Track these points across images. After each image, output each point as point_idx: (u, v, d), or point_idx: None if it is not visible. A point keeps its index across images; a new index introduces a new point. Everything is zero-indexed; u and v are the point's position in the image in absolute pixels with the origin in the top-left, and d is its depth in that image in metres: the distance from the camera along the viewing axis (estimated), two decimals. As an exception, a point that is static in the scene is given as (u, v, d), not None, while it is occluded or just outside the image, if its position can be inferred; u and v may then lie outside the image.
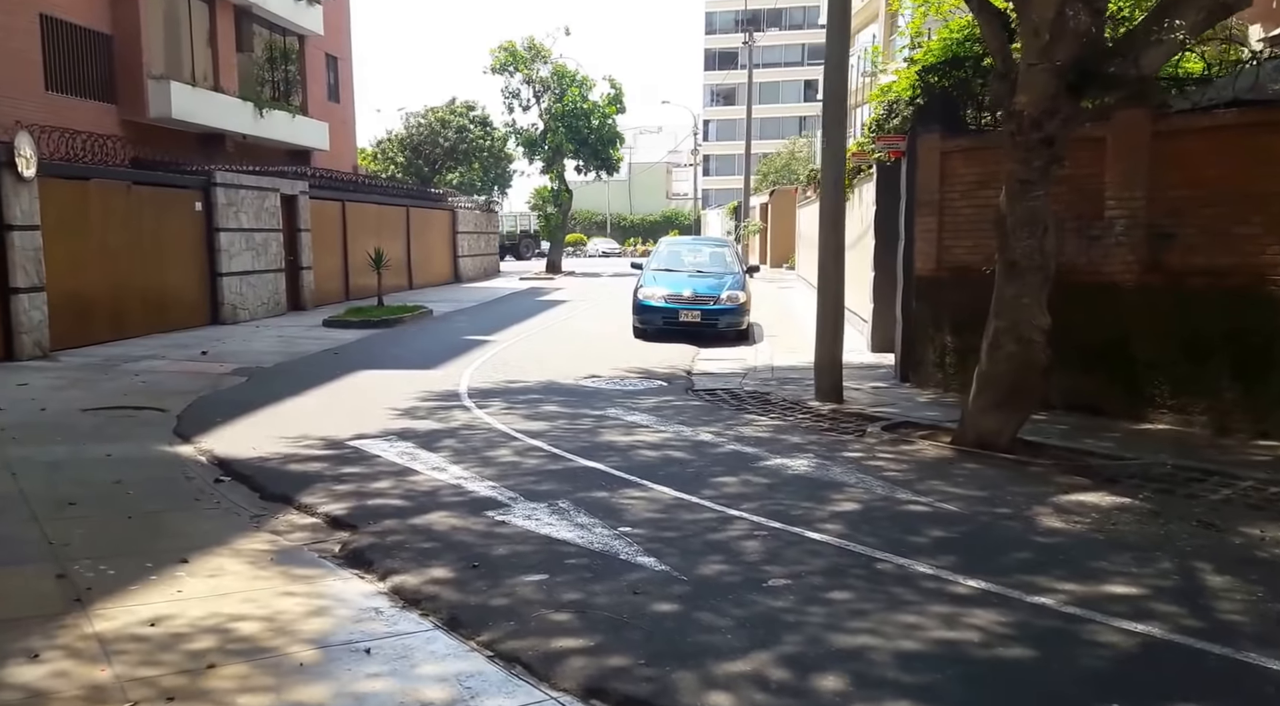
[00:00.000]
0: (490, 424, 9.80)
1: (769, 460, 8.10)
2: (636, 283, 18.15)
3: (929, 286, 11.47)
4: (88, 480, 7.54)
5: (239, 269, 20.33)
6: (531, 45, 42.53)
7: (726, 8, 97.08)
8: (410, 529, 6.24)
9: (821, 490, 7.13)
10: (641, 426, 9.62)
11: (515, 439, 9.04)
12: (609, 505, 6.68)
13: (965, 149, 11.00)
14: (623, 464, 7.94)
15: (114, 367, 13.54)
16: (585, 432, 9.31)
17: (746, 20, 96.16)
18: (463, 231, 38.24)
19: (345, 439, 9.07)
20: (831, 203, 10.77)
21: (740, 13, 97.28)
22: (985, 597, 5.03)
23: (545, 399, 11.33)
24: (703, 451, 8.51)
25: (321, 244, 24.93)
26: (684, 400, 11.32)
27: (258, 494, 7.34)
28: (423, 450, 8.56)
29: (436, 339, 17.91)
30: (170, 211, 18.30)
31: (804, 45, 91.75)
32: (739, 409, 10.71)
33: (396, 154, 46.87)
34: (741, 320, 17.26)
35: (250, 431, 9.50)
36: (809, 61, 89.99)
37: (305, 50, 31.51)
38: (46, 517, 6.44)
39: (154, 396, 11.42)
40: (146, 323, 17.31)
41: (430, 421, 9.92)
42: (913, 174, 11.74)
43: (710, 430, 9.41)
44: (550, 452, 8.44)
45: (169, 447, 8.89)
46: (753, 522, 6.24)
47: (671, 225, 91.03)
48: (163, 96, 22.47)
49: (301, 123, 30.09)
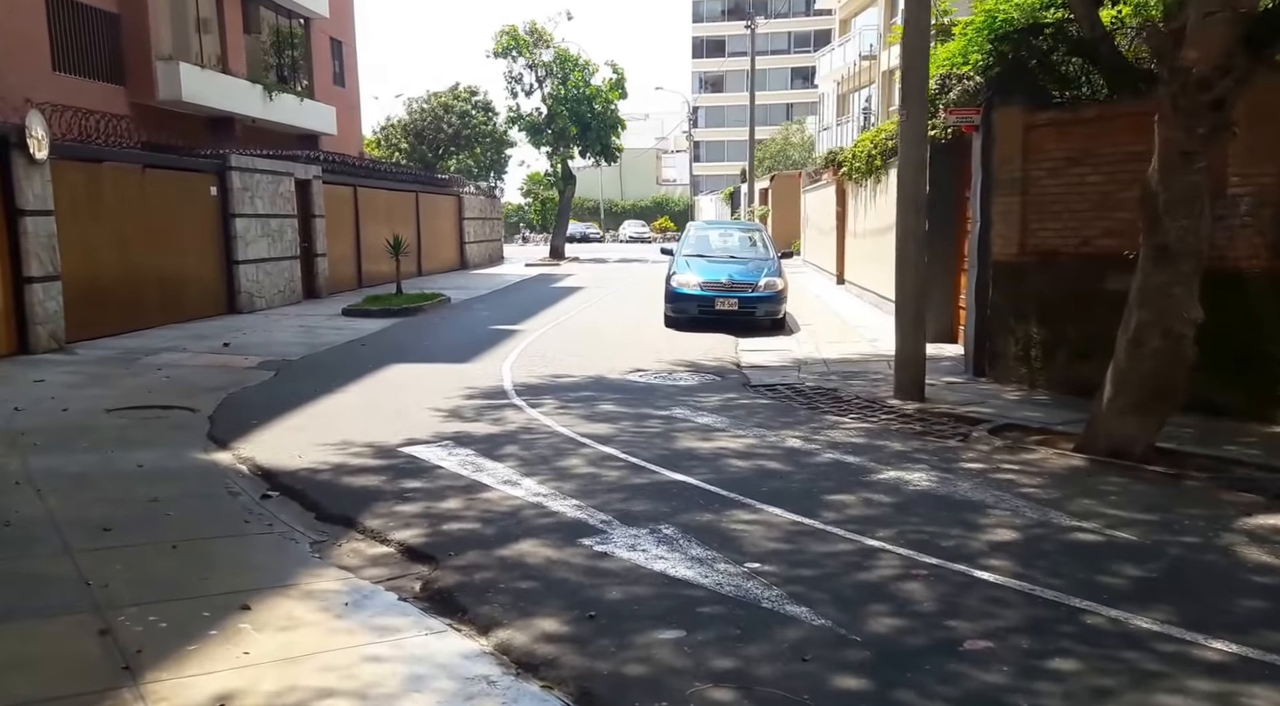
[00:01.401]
0: (550, 426, 9.01)
1: (880, 472, 7.30)
2: (669, 269, 17.29)
3: (1009, 273, 10.67)
4: (121, 498, 6.76)
5: (255, 256, 19.51)
6: (534, 29, 41.55)
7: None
8: (500, 562, 5.46)
9: (960, 512, 6.32)
10: (717, 430, 8.84)
11: (584, 445, 8.25)
12: (720, 531, 5.88)
13: (1055, 122, 10.17)
14: (715, 477, 7.16)
15: (134, 361, 12.74)
16: (658, 438, 8.53)
17: (731, 10, 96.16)
18: (469, 217, 37.41)
19: (396, 445, 8.29)
20: (912, 184, 9.95)
21: (726, 1, 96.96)
22: (1248, 667, 4.11)
23: (599, 397, 10.55)
24: (798, 461, 7.72)
25: (335, 230, 24.11)
26: (749, 398, 10.54)
27: (313, 513, 6.56)
28: (486, 459, 7.78)
29: (463, 329, 17.12)
30: (185, 196, 17.46)
31: (790, 33, 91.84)
32: (812, 408, 9.93)
33: (400, 140, 45.90)
34: (779, 308, 16.46)
35: (290, 435, 8.72)
36: (795, 49, 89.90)
37: (311, 33, 30.60)
38: (81, 549, 5.66)
39: (181, 394, 10.63)
40: (163, 312, 16.50)
41: (484, 424, 9.14)
42: (989, 150, 10.92)
43: (795, 434, 8.63)
44: (628, 462, 7.65)
45: (205, 455, 8.11)
46: (901, 557, 5.42)
47: (662, 211, 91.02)
48: (172, 78, 21.60)
49: (310, 107, 29.23)
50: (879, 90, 43.30)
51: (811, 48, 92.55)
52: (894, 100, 43.07)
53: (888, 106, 42.66)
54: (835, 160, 24.43)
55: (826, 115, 54.71)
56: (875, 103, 43.92)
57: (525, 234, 76.37)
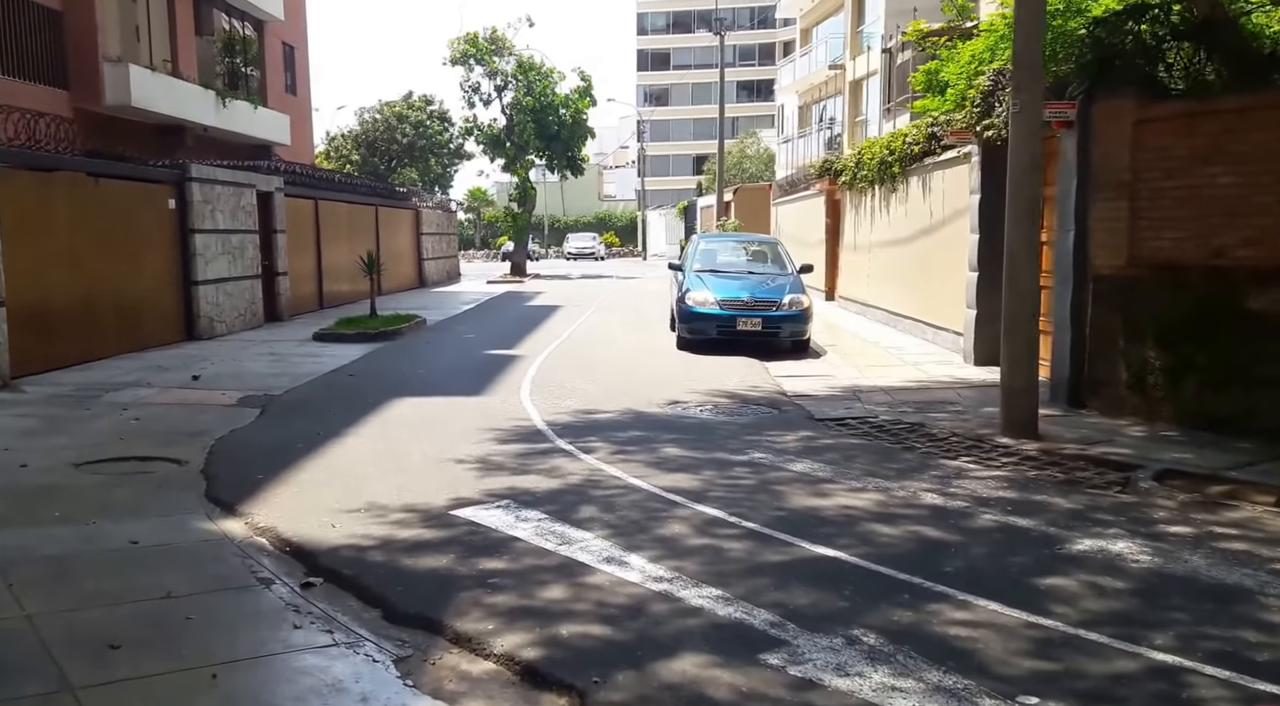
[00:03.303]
0: (619, 478, 7.62)
1: (1073, 542, 5.99)
2: (679, 286, 15.94)
3: (1115, 288, 9.51)
4: (121, 594, 5.25)
5: (215, 276, 17.75)
6: (494, 36, 40.09)
7: (658, 9, 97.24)
8: (667, 694, 4.07)
9: (1229, 603, 5.01)
10: (823, 480, 7.52)
11: (675, 504, 6.88)
12: (942, 641, 4.54)
13: (1179, 115, 9.00)
14: (870, 551, 5.83)
15: (93, 400, 11.07)
16: (759, 493, 7.18)
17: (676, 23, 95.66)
18: (427, 232, 35.76)
19: (444, 507, 6.86)
20: (1027, 187, 8.72)
21: (671, 14, 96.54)
22: None
23: (653, 437, 9.18)
24: (956, 525, 6.40)
25: (296, 246, 22.36)
26: (830, 436, 9.21)
27: (377, 609, 5.12)
28: (566, 526, 6.38)
29: (454, 355, 15.62)
30: (141, 210, 15.72)
31: (736, 47, 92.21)
32: (909, 449, 8.66)
33: (351, 151, 44.13)
34: (805, 328, 15.21)
35: (309, 495, 7.23)
36: (741, 63, 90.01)
37: (264, 37, 28.89)
38: (86, 684, 4.16)
39: (159, 440, 9.04)
40: (118, 341, 14.74)
41: (537, 476, 7.72)
42: (1086, 149, 9.79)
43: (922, 486, 7.33)
44: (745, 529, 6.30)
45: (211, 524, 6.60)
46: (1219, 680, 4.06)
47: (605, 226, 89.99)
48: (121, 81, 19.87)
49: (264, 115, 27.55)
50: (845, 101, 42.50)
51: (756, 61, 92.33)
52: (861, 110, 42.41)
53: (854, 117, 41.97)
54: (831, 169, 23.30)
55: (787, 127, 53.84)
56: (842, 114, 43.09)
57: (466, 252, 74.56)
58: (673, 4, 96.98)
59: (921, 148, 16.47)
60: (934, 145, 15.96)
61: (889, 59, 35.15)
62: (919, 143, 16.57)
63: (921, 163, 16.68)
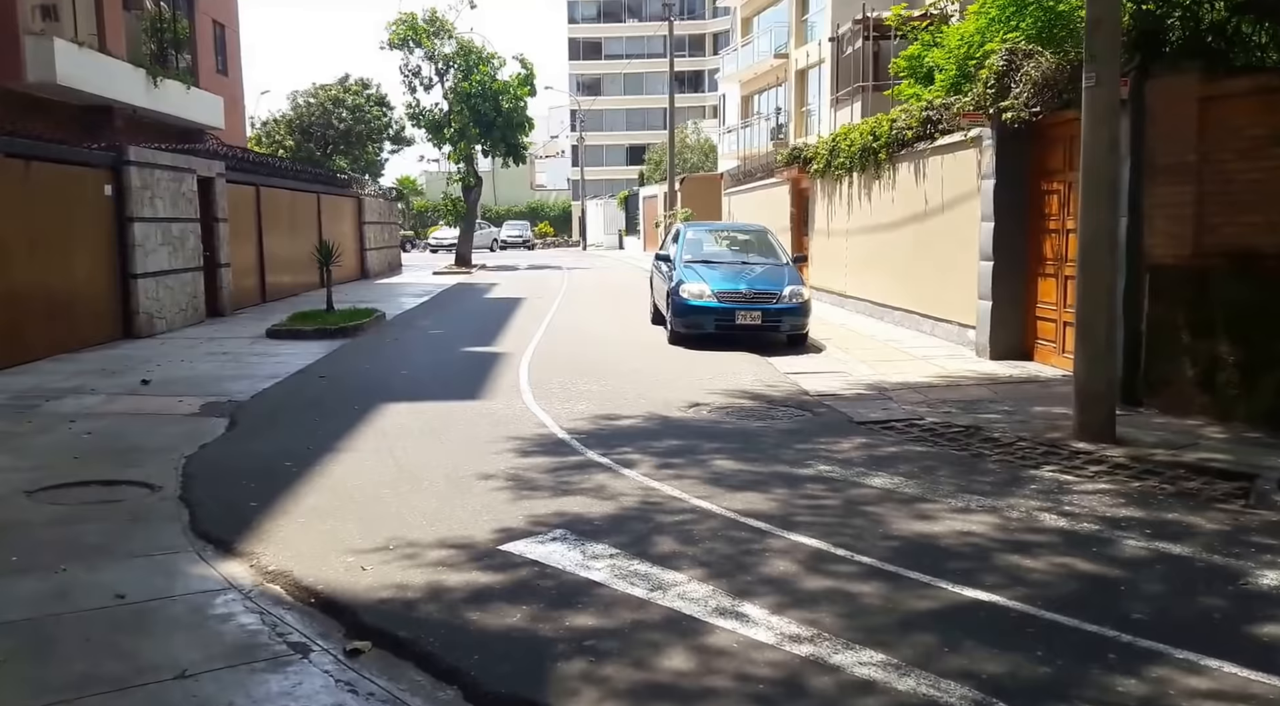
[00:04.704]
0: (680, 499, 6.60)
1: (1254, 576, 5.03)
2: (672, 279, 14.89)
3: (1179, 279, 8.73)
4: (122, 673, 4.10)
5: (155, 268, 16.24)
6: (433, 18, 38.47)
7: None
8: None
9: None
10: (915, 498, 6.57)
11: (763, 532, 5.87)
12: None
13: (1254, 91, 8.25)
14: (1027, 592, 4.88)
15: (33, 409, 9.70)
16: (851, 515, 6.20)
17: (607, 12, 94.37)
18: (369, 222, 34.21)
19: (490, 540, 5.77)
20: (1105, 169, 7.84)
21: (601, 3, 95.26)
22: None
23: (692, 446, 8.16)
24: (1105, 555, 5.44)
25: (238, 236, 20.83)
26: (888, 443, 8.24)
27: (454, 688, 4.04)
28: (647, 563, 5.34)
29: (430, 353, 14.41)
30: (74, 197, 14.21)
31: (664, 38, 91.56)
32: (977, 455, 7.78)
33: (285, 137, 42.17)
34: (805, 322, 14.29)
35: (319, 528, 6.08)
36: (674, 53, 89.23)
37: (195, 14, 27.11)
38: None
39: (120, 459, 7.78)
40: (50, 340, 13.25)
41: (585, 497, 6.66)
42: (1140, 130, 9.00)
43: (1031, 504, 6.41)
44: (863, 565, 5.31)
45: (209, 568, 5.43)
46: None
47: (539, 216, 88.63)
48: (44, 57, 18.16)
49: (197, 96, 25.79)
50: (791, 90, 41.82)
51: (687, 52, 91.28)
52: (806, 100, 41.78)
53: (800, 106, 41.36)
54: (800, 157, 22.45)
55: (730, 117, 53.03)
56: (787, 103, 42.41)
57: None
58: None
59: (915, 133, 15.66)
60: (930, 129, 15.17)
61: (836, 48, 34.50)
62: (911, 128, 15.76)
63: (913, 148, 15.88)
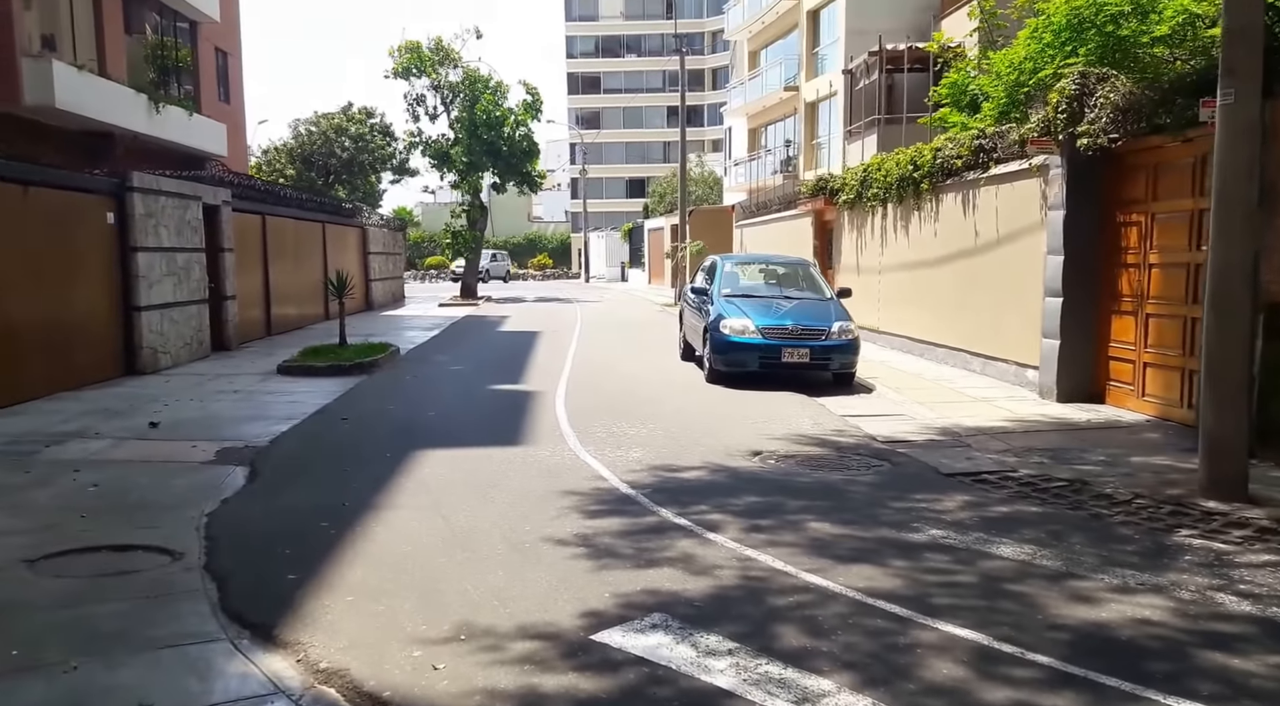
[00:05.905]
0: (788, 573, 5.68)
1: None
2: (710, 314, 14.01)
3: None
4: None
5: (159, 300, 15.34)
6: (439, 47, 37.90)
7: (587, 33, 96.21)
8: None
9: None
10: (1061, 574, 5.65)
11: (903, 620, 4.96)
12: None
13: None
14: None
15: (32, 457, 8.77)
16: (995, 597, 5.29)
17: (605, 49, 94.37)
18: (373, 252, 33.47)
19: (579, 628, 4.87)
20: (1241, 194, 7.04)
21: (599, 39, 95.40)
22: None
23: (775, 504, 7.26)
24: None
25: (243, 266, 19.97)
26: (995, 502, 7.31)
27: None
28: (778, 664, 4.43)
29: (454, 391, 13.49)
30: (75, 225, 13.34)
31: (664, 72, 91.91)
32: (1095, 516, 6.89)
33: (286, 165, 41.42)
34: (854, 359, 13.43)
35: (373, 609, 5.16)
36: (670, 88, 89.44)
37: (197, 40, 26.41)
38: None
39: (131, 518, 6.86)
40: (49, 378, 12.34)
41: (674, 570, 5.74)
42: (1261, 153, 8.17)
43: (1197, 580, 5.51)
44: (1041, 666, 4.39)
45: (248, 664, 4.51)
46: None
47: (536, 248, 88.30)
48: (43, 80, 17.41)
49: (200, 122, 25.10)
50: (801, 123, 41.24)
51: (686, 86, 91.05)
52: (817, 132, 41.15)
53: (810, 139, 40.78)
54: (827, 187, 21.69)
55: (736, 150, 52.39)
56: (797, 136, 41.84)
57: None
58: (600, 29, 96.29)
59: (965, 161, 14.88)
60: (983, 158, 14.39)
61: (850, 80, 33.92)
62: (961, 156, 14.98)
63: (962, 178, 15.09)
